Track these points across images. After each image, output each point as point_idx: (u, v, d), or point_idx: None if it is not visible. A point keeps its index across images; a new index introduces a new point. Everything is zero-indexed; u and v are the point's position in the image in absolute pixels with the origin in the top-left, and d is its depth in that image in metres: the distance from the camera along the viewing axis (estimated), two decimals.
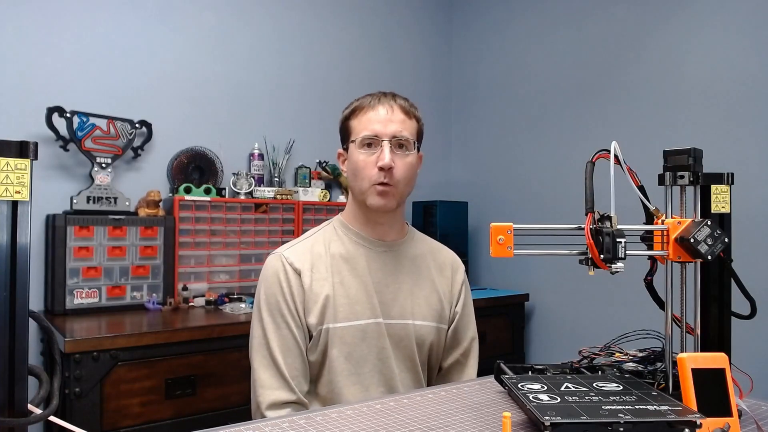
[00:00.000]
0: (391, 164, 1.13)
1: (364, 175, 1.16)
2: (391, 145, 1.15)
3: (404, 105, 1.21)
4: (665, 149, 0.92)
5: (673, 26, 2.29)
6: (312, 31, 2.74)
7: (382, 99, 1.19)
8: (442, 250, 1.32)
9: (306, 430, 0.82)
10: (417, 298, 1.22)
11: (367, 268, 1.19)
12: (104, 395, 1.60)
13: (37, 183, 0.86)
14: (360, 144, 1.16)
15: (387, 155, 1.13)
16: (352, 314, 1.16)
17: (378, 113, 1.17)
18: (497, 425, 0.84)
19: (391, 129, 1.15)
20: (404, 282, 1.22)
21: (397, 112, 1.18)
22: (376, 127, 1.15)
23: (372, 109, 1.18)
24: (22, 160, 0.61)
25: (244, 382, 1.83)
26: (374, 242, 1.22)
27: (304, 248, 1.21)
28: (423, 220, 2.83)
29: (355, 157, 1.18)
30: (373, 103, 1.18)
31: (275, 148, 2.55)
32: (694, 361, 0.79)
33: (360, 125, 1.18)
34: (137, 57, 2.26)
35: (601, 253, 0.83)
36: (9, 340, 0.60)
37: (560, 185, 2.65)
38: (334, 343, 1.14)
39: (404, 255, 1.24)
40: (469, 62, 3.19)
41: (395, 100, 1.20)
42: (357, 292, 1.17)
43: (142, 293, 2.07)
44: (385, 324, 1.18)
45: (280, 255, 1.20)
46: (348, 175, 1.22)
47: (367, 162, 1.15)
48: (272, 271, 1.18)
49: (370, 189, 1.16)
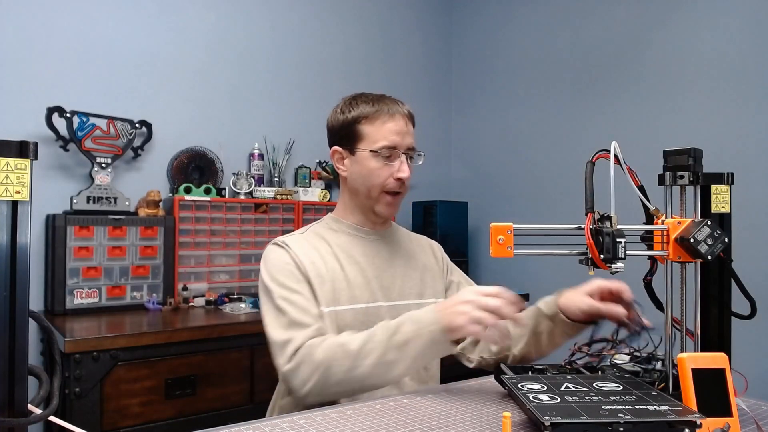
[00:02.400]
0: (409, 176, 1.20)
1: (377, 182, 1.20)
2: (406, 156, 1.21)
3: (411, 113, 1.26)
4: (665, 149, 0.92)
5: (673, 25, 2.29)
6: (312, 30, 2.74)
7: (396, 108, 1.22)
8: (419, 236, 1.42)
9: (306, 430, 0.82)
10: (412, 279, 1.27)
11: (365, 256, 1.24)
12: (104, 395, 1.60)
13: (37, 183, 0.86)
14: (380, 154, 1.19)
15: (407, 168, 1.20)
16: (352, 298, 1.18)
17: (397, 124, 1.20)
18: (497, 425, 0.84)
19: (407, 141, 1.21)
20: (398, 266, 1.27)
21: (409, 122, 1.23)
22: (395, 138, 1.19)
23: (391, 119, 1.20)
24: (22, 160, 0.61)
25: (244, 382, 1.84)
26: (368, 232, 1.27)
27: (301, 238, 1.24)
28: (423, 220, 2.82)
29: (367, 164, 1.20)
30: (391, 112, 1.20)
31: (275, 148, 2.55)
32: (694, 361, 0.79)
33: (378, 134, 1.19)
34: (137, 57, 2.26)
35: (601, 253, 0.83)
36: (9, 340, 0.60)
37: (560, 185, 2.65)
38: (336, 326, 1.15)
39: (394, 241, 1.31)
40: (469, 61, 3.18)
41: (404, 109, 1.23)
42: (356, 278, 1.20)
43: (142, 293, 2.07)
44: (387, 306, 1.21)
45: (279, 242, 1.22)
46: (352, 176, 1.24)
47: (382, 171, 1.19)
48: (275, 255, 1.20)
49: (380, 196, 1.21)
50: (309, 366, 1.02)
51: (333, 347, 1.03)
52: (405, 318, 1.04)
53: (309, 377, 1.02)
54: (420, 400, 0.97)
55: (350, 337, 1.05)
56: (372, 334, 1.03)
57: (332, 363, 1.01)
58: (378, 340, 1.01)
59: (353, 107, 1.23)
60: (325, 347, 1.03)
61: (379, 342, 1.01)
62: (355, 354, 1.01)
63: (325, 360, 1.02)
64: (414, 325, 1.01)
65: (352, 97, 1.26)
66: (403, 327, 1.01)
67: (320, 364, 1.02)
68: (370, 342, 1.02)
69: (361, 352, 1.01)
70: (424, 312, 1.03)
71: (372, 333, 1.03)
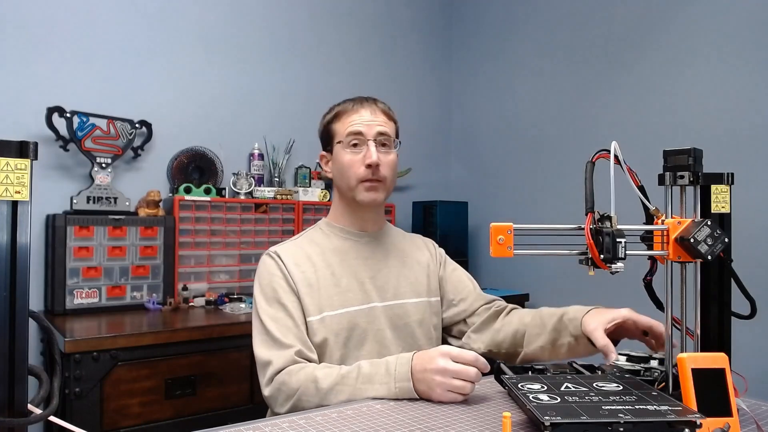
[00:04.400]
0: (378, 161, 1.21)
1: (351, 173, 1.23)
2: (376, 143, 1.22)
3: (384, 108, 1.29)
4: (665, 149, 0.92)
5: (673, 25, 2.29)
6: (312, 30, 2.73)
7: (364, 103, 1.27)
8: (414, 235, 1.44)
9: (306, 430, 0.82)
10: (408, 278, 1.29)
11: (358, 258, 1.26)
12: (104, 395, 1.60)
13: (37, 183, 0.86)
14: (346, 144, 1.24)
15: (374, 153, 1.21)
16: (345, 301, 1.20)
17: (362, 115, 1.24)
18: (497, 425, 0.84)
19: (375, 129, 1.23)
20: (393, 266, 1.29)
21: (379, 113, 1.26)
22: (361, 127, 1.23)
23: (356, 111, 1.25)
24: (22, 160, 0.61)
25: (244, 382, 1.84)
26: (360, 234, 1.29)
27: (293, 246, 1.27)
28: (423, 220, 2.82)
29: (341, 157, 1.24)
30: (356, 107, 1.26)
31: (275, 148, 2.55)
32: (694, 361, 0.79)
33: (344, 127, 1.25)
34: (137, 57, 2.26)
35: (601, 253, 0.83)
36: (9, 340, 0.60)
37: (560, 185, 2.65)
38: (330, 331, 1.17)
39: (388, 242, 1.33)
40: (470, 60, 3.19)
41: (376, 104, 1.28)
42: (348, 281, 1.22)
43: (142, 293, 2.07)
44: (382, 307, 1.23)
45: (270, 253, 1.25)
46: (334, 175, 1.29)
47: (353, 161, 1.22)
48: (265, 267, 1.24)
49: (358, 186, 1.23)
50: (284, 394, 1.08)
51: (307, 381, 1.06)
52: (380, 367, 1.03)
53: (283, 404, 1.08)
54: (420, 400, 0.98)
55: (324, 371, 1.06)
56: (345, 376, 1.04)
57: (302, 397, 1.05)
58: (348, 384, 1.03)
59: (329, 111, 1.30)
60: (300, 378, 1.06)
61: (348, 386, 1.03)
62: (324, 393, 1.03)
63: (297, 392, 1.06)
64: (386, 378, 1.01)
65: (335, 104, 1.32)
66: (375, 377, 1.02)
67: (293, 394, 1.06)
68: (340, 384, 1.03)
69: (330, 392, 1.03)
70: (400, 364, 1.01)
71: (345, 375, 1.04)
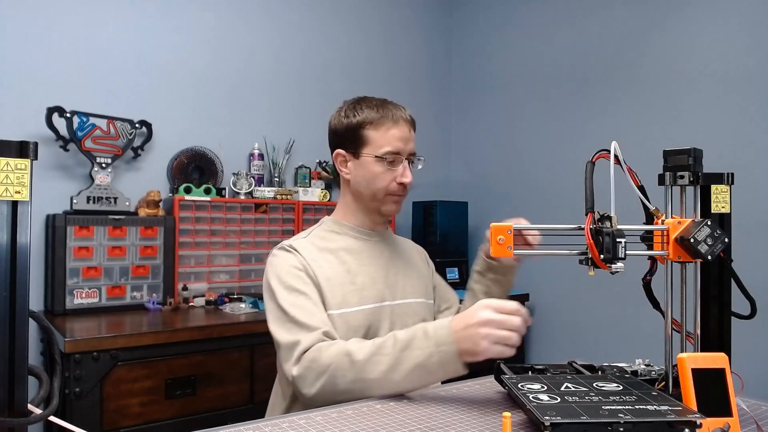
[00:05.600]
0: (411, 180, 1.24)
1: (381, 186, 1.23)
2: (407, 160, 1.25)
3: (413, 119, 1.29)
4: (665, 149, 0.92)
5: (673, 25, 2.29)
6: (311, 30, 2.73)
7: (400, 114, 1.25)
8: (405, 239, 1.46)
9: (306, 430, 0.82)
10: (411, 278, 1.32)
11: (371, 257, 1.26)
12: (104, 395, 1.60)
13: (37, 183, 0.86)
14: (383, 158, 1.22)
15: (410, 174, 1.24)
16: (362, 299, 1.20)
17: (401, 130, 1.23)
18: (497, 425, 0.84)
19: (410, 147, 1.25)
20: (400, 265, 1.31)
21: (411, 128, 1.27)
22: (399, 144, 1.22)
23: (395, 125, 1.23)
24: (22, 160, 0.61)
25: (244, 382, 1.84)
26: (370, 233, 1.30)
27: (306, 242, 1.24)
28: (423, 220, 2.82)
29: (371, 168, 1.23)
30: (395, 118, 1.23)
31: (275, 148, 2.55)
32: (694, 361, 0.79)
33: (383, 139, 1.22)
34: (137, 57, 2.26)
35: (601, 253, 0.83)
36: (9, 340, 0.60)
37: (560, 185, 2.65)
38: (347, 328, 1.15)
39: (392, 242, 1.36)
40: (469, 62, 3.18)
41: (407, 114, 1.27)
42: (364, 279, 1.22)
43: (142, 293, 2.07)
44: (392, 305, 1.24)
45: (286, 246, 1.22)
46: (357, 180, 1.25)
47: (385, 175, 1.23)
48: (283, 259, 1.19)
49: (385, 198, 1.24)
50: (315, 372, 1.02)
51: (340, 355, 1.01)
52: (417, 332, 1.00)
53: (314, 383, 1.01)
54: (420, 400, 0.97)
55: (358, 345, 1.02)
56: (381, 345, 1.00)
57: (336, 372, 1.00)
58: (386, 353, 0.99)
59: (358, 111, 1.24)
60: (332, 353, 1.01)
61: (386, 356, 0.98)
62: (360, 365, 0.99)
63: (330, 368, 1.00)
64: (426, 342, 0.97)
65: (355, 100, 1.28)
66: (414, 342, 0.98)
67: (324, 370, 1.01)
68: (377, 354, 0.99)
69: (367, 364, 0.98)
70: (439, 327, 0.98)
71: (381, 344, 1.00)
